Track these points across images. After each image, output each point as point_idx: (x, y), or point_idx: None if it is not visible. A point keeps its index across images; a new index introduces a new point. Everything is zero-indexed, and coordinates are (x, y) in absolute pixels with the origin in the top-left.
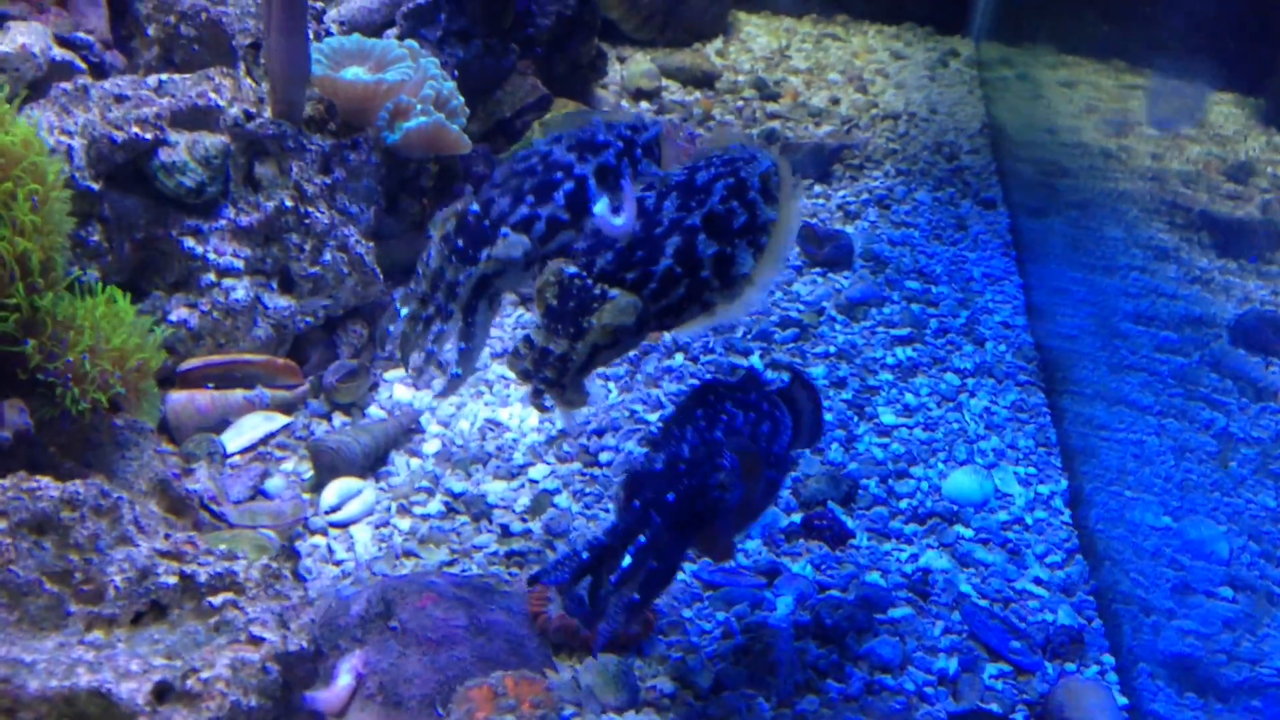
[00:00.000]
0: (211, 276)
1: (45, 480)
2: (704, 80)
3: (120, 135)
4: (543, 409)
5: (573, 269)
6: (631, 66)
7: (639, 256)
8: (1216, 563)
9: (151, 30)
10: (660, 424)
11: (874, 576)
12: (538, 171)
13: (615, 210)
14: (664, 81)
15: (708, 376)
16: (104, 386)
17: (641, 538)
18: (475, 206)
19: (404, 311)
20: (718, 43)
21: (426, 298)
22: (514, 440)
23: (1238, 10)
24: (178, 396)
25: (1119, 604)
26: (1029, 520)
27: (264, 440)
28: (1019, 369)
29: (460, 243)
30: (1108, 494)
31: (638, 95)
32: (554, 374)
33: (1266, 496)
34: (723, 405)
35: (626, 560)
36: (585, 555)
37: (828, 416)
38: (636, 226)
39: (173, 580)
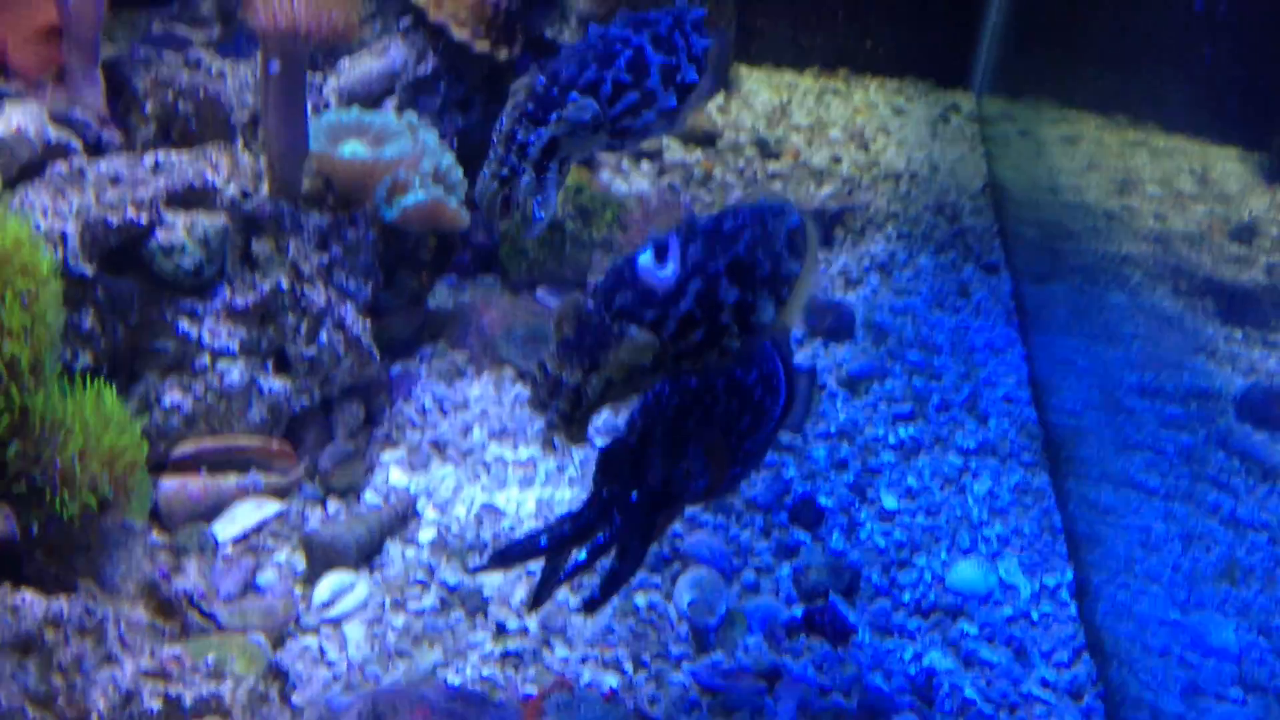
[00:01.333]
0: (206, 359)
1: (29, 596)
2: (705, 139)
3: (115, 219)
4: (552, 448)
5: (592, 304)
6: None
7: (659, 297)
8: (1226, 660)
9: (149, 107)
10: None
11: (877, 677)
12: (598, 46)
13: (660, 260)
14: (666, 140)
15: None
16: (93, 489)
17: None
18: (542, 78)
19: (486, 172)
20: (719, 99)
21: (502, 159)
22: (510, 527)
23: (1241, 64)
24: (170, 483)
25: (1128, 710)
26: (1034, 615)
27: (257, 529)
28: (1023, 448)
29: (531, 107)
30: (1115, 585)
31: (639, 155)
32: (567, 406)
33: (1276, 587)
34: (712, 386)
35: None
36: (543, 542)
37: (828, 501)
38: (675, 274)
39: (157, 705)
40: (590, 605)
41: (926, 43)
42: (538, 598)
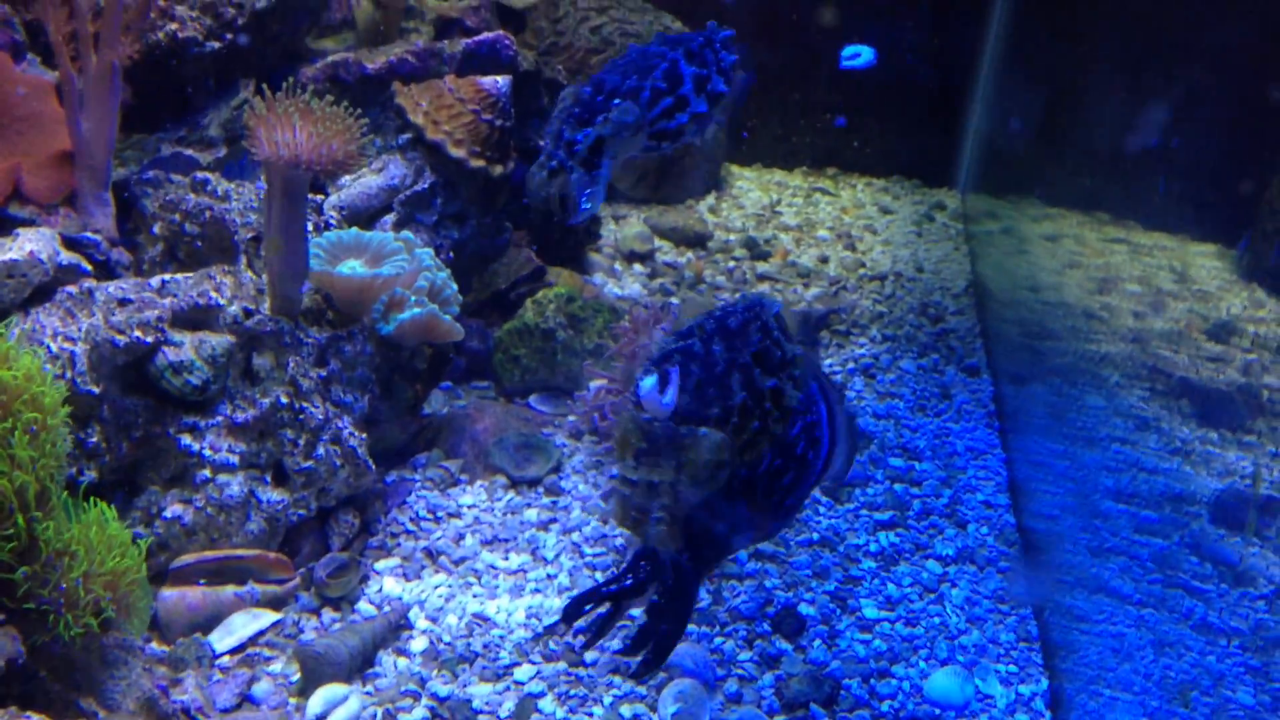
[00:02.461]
0: (207, 473)
1: (35, 719)
2: (696, 240)
3: (122, 339)
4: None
5: (646, 416)
6: (625, 229)
7: (712, 394)
8: None
9: (157, 228)
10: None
11: None
12: (638, 60)
13: (663, 389)
14: (657, 242)
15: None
16: (96, 611)
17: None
18: (588, 87)
19: (541, 174)
20: (710, 199)
21: (551, 154)
22: (501, 637)
23: (1219, 162)
24: (169, 594)
25: None
26: None
27: (253, 639)
28: (1001, 554)
29: (578, 110)
30: (1087, 694)
31: (631, 258)
32: (670, 501)
33: (1245, 693)
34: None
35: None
36: (605, 590)
37: (810, 610)
38: (678, 402)
39: None
40: (644, 669)
41: (913, 142)
42: (592, 639)
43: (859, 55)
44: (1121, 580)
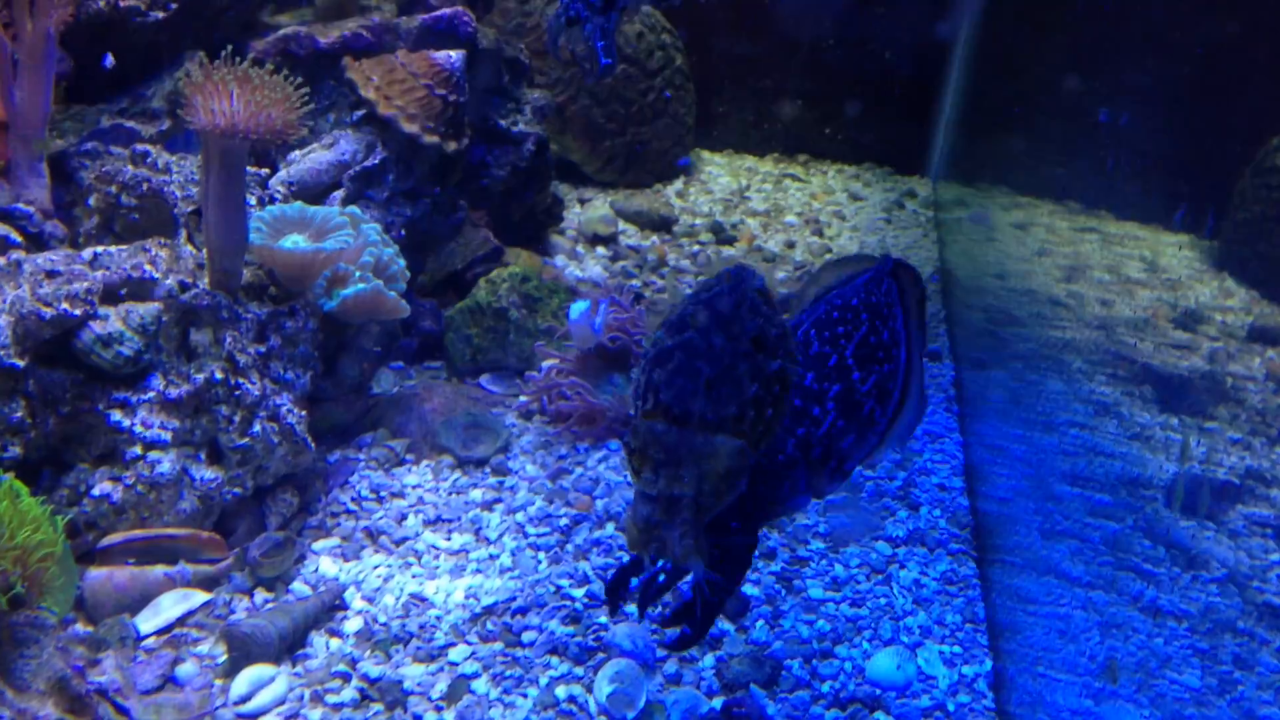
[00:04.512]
0: (138, 449)
1: None
2: (661, 224)
3: (49, 312)
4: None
5: (662, 425)
6: (589, 211)
7: (727, 392)
8: None
9: (93, 200)
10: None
11: None
12: None
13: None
14: (621, 225)
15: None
16: (4, 588)
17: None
18: None
19: (558, 22)
20: (679, 183)
21: (568, 4)
22: (438, 617)
23: (1193, 151)
24: (96, 574)
25: None
26: (950, 706)
27: (181, 620)
28: (952, 536)
29: None
30: (1030, 675)
31: (594, 240)
32: (691, 516)
33: (1191, 675)
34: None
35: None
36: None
37: (754, 591)
38: (698, 407)
39: None
40: (683, 643)
41: (884, 129)
42: (642, 605)
43: None
44: (1071, 563)
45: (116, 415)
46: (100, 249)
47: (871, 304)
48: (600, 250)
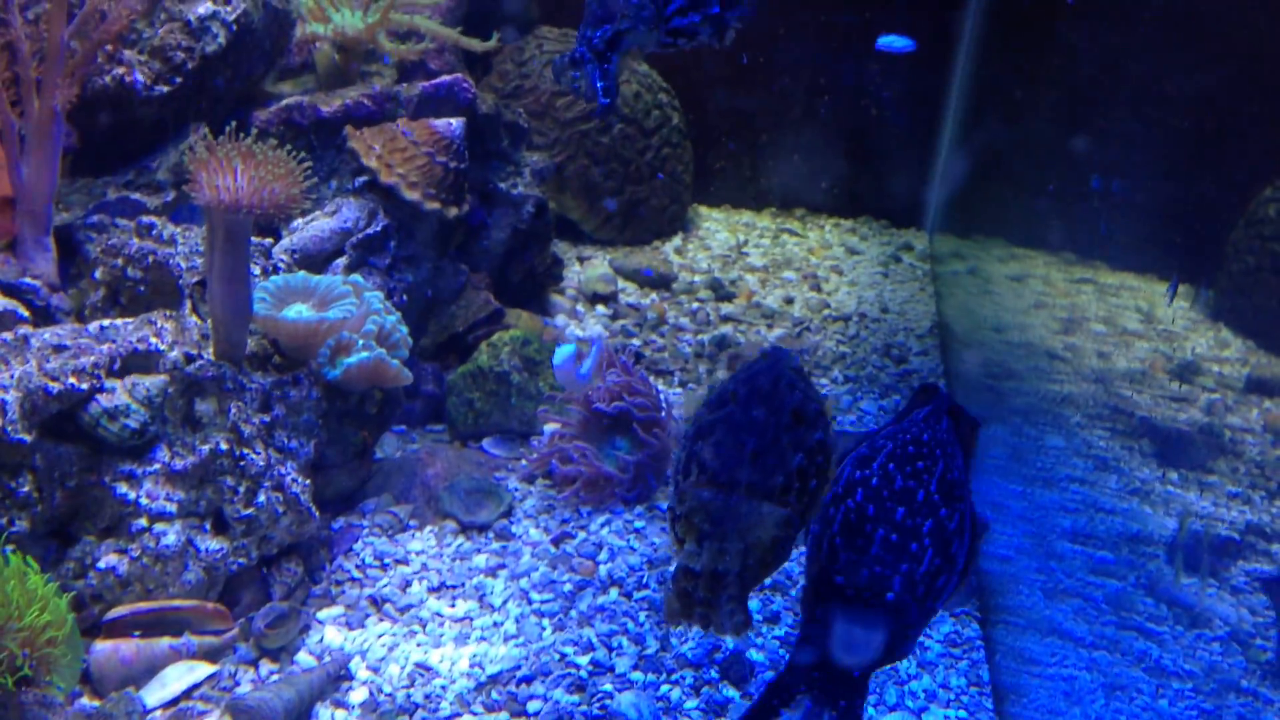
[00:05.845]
0: (143, 521)
1: None
2: (660, 282)
3: (56, 386)
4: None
5: (708, 493)
6: (589, 270)
7: (772, 462)
8: None
9: (99, 273)
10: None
11: None
12: None
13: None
14: (621, 284)
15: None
16: (12, 669)
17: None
18: None
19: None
20: (677, 240)
21: (577, 47)
22: (443, 687)
23: (1189, 202)
24: (102, 647)
25: None
26: None
27: (187, 693)
28: (955, 597)
29: (597, 10)
30: None
31: (594, 299)
32: (738, 591)
33: None
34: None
35: None
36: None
37: (758, 656)
38: (745, 475)
39: None
40: None
41: (881, 183)
42: None
43: (895, 41)
44: (1075, 623)
45: (122, 488)
46: (106, 322)
47: (940, 439)
48: (600, 309)
